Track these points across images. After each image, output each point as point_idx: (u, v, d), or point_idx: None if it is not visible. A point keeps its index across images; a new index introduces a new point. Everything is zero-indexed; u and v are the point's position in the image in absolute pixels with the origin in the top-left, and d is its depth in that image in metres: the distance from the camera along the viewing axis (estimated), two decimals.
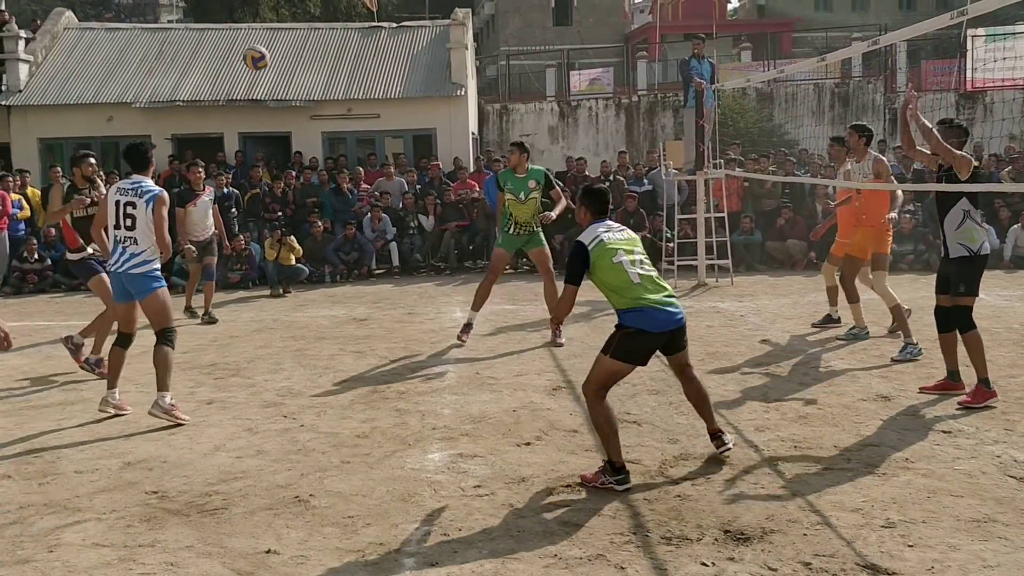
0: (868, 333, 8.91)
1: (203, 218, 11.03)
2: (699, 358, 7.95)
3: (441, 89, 18.98)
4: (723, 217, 13.22)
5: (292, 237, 13.87)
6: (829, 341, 8.86)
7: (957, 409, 6.18)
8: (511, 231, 9.12)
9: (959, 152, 6.40)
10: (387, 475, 5.10)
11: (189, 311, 11.29)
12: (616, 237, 5.10)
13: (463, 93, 18.99)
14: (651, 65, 26.56)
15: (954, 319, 6.44)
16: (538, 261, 9.38)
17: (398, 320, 10.72)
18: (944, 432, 5.70)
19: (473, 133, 20.71)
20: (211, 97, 18.60)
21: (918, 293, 11.19)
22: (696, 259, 13.16)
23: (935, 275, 6.79)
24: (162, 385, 6.34)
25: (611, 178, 16.06)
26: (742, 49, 27.34)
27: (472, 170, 17.40)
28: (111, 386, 6.56)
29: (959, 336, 6.45)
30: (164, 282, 6.58)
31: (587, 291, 5.35)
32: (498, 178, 9.49)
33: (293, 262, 13.58)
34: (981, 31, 20.86)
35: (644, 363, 5.04)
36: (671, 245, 13.71)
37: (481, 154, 19.49)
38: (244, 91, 18.77)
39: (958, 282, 6.39)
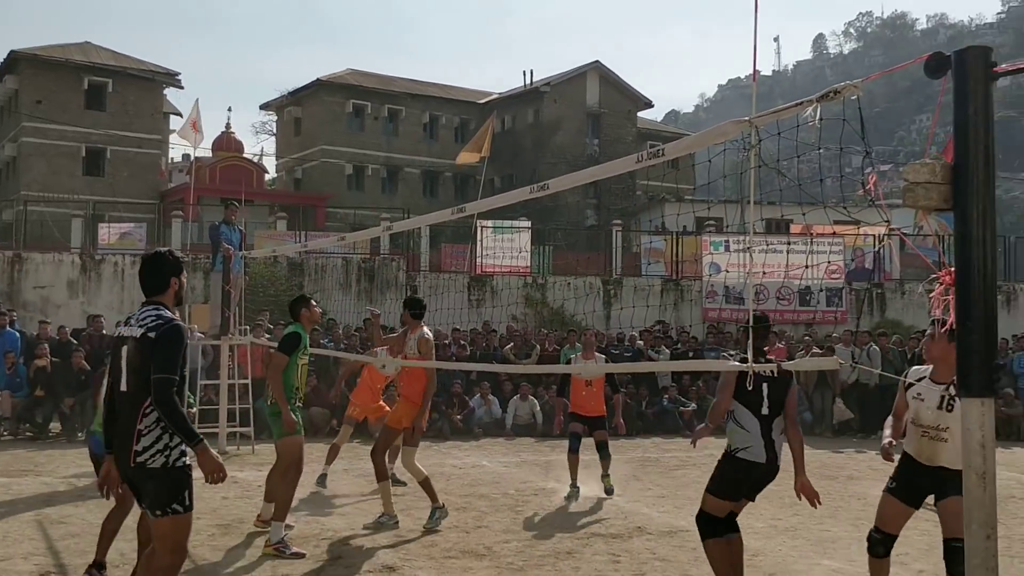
0: (397, 523, 8.20)
1: None
2: (209, 533, 7.67)
3: None
4: (247, 383, 13.11)
5: None
6: (343, 505, 9.01)
7: None
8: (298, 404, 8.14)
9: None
10: None
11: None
12: None
13: None
14: (187, 225, 26.08)
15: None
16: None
17: None
18: None
19: None
20: None
21: None
22: (218, 426, 12.81)
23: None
24: None
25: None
26: (278, 218, 28.07)
27: None
28: None
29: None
30: None
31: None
32: (300, 334, 7.97)
33: None
34: (489, 223, 23.62)
35: None
36: (193, 411, 13.21)
37: None
38: None
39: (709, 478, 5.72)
